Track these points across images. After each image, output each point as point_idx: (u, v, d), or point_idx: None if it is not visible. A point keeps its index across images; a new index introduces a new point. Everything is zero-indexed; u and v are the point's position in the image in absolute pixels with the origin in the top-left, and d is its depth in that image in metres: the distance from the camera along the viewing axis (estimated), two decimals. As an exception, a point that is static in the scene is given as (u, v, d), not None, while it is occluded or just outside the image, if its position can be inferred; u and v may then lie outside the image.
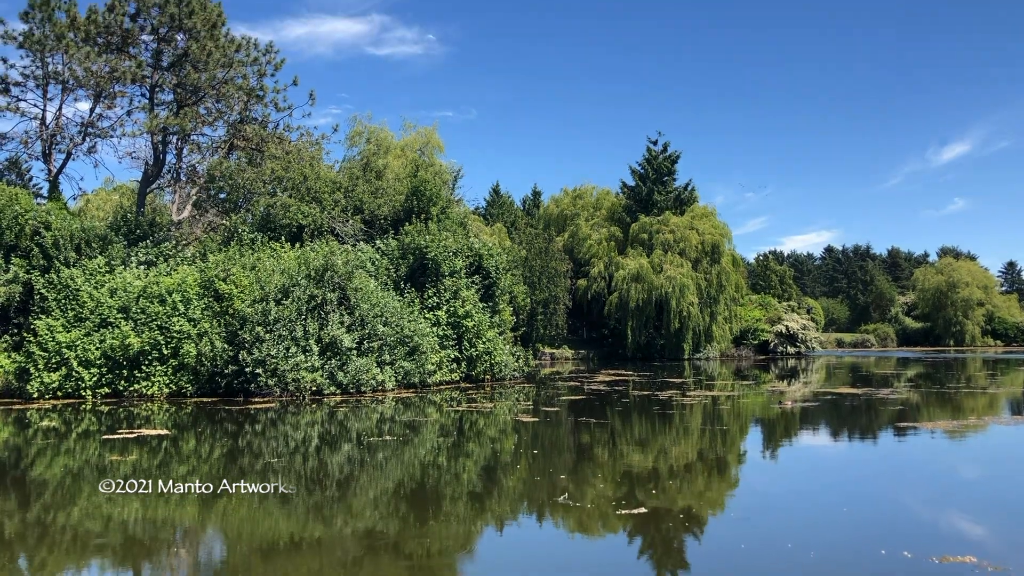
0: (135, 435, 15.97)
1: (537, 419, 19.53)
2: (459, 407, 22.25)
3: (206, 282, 25.21)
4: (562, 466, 13.26)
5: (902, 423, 18.57)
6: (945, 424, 18.22)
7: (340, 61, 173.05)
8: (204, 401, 22.86)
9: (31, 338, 23.02)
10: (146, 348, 23.20)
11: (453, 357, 29.26)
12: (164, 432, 16.59)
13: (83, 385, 22.83)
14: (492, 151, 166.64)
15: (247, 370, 23.02)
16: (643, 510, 9.84)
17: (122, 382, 23.25)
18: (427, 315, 28.89)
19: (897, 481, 12.14)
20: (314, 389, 23.62)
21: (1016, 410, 22.36)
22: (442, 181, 41.68)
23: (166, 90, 33.27)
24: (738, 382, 33.48)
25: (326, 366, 24.00)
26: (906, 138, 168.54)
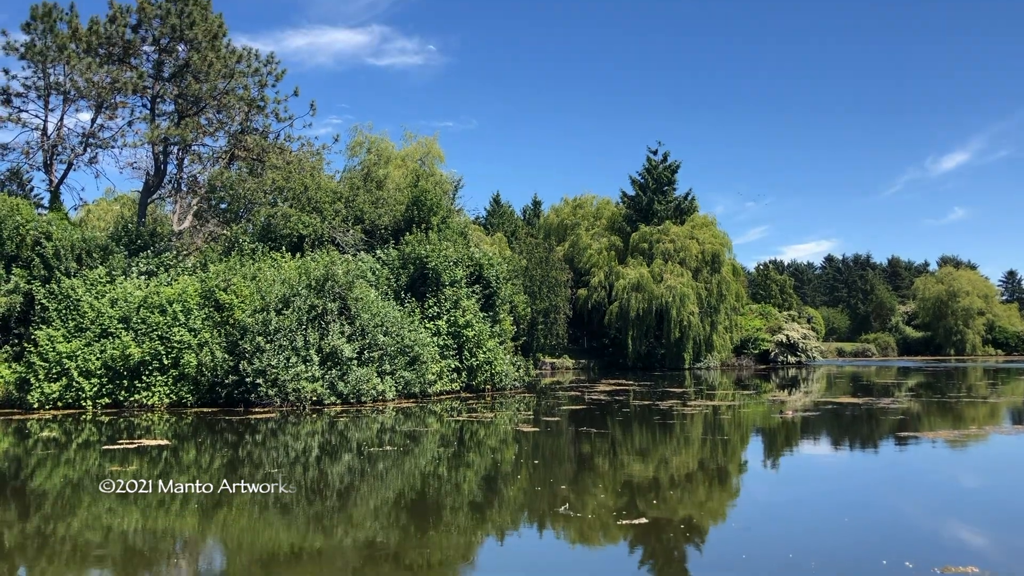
0: (135, 445, 15.96)
1: (538, 429, 19.51)
2: (460, 417, 22.23)
3: (207, 292, 25.23)
4: (563, 476, 13.24)
5: (903, 433, 18.55)
6: (946, 434, 18.19)
7: (341, 72, 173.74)
8: (204, 411, 22.85)
9: (32, 348, 23.02)
10: (147, 358, 23.20)
11: (454, 367, 29.25)
12: (164, 442, 16.58)
13: (83, 395, 22.81)
14: (492, 161, 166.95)
15: (247, 380, 23.02)
16: (644, 520, 9.82)
17: (122, 392, 23.23)
18: (427, 325, 28.90)
19: (898, 491, 12.12)
20: (314, 399, 23.60)
21: (1017, 419, 22.32)
22: (443, 191, 41.80)
23: (167, 101, 33.35)
24: (739, 392, 33.45)
25: (326, 376, 24.00)
26: (906, 147, 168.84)
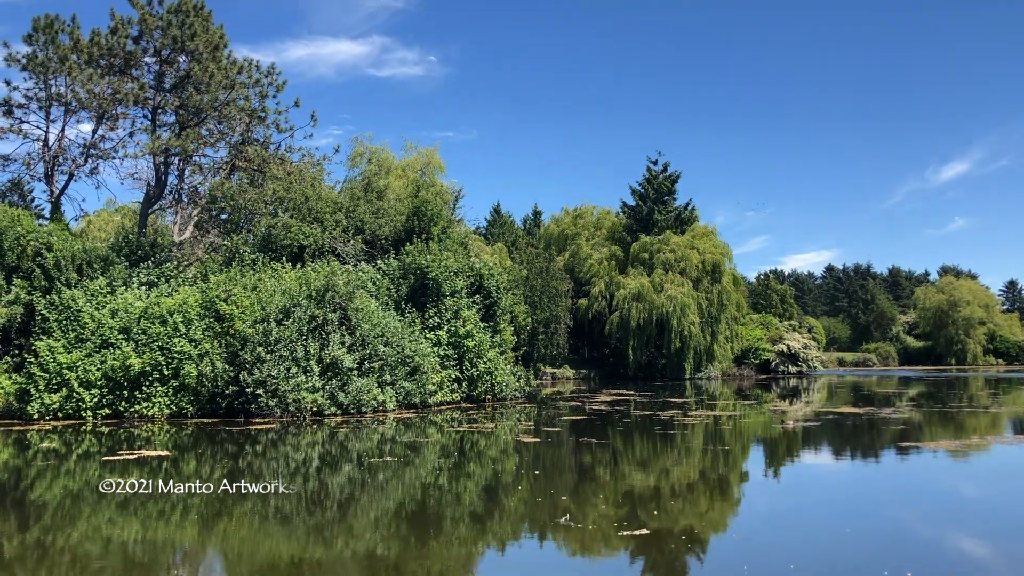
0: (135, 456, 15.94)
1: (538, 439, 19.49)
2: (460, 427, 22.20)
3: (207, 303, 25.23)
4: (563, 487, 13.21)
5: (904, 443, 18.52)
6: (948, 443, 18.15)
7: (342, 82, 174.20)
8: (205, 422, 22.82)
9: (32, 359, 23.01)
10: (147, 369, 23.19)
11: (454, 377, 29.22)
12: (164, 453, 16.56)
13: (84, 406, 22.80)
14: (493, 171, 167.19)
15: (248, 391, 23.00)
16: (645, 531, 9.80)
17: (123, 403, 23.22)
18: (428, 335, 28.88)
19: (900, 501, 12.10)
20: (315, 410, 23.57)
21: (1019, 429, 22.28)
22: (443, 201, 41.88)
23: (168, 111, 33.45)
24: (740, 402, 33.40)
25: (327, 386, 23.97)
26: (906, 157, 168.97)
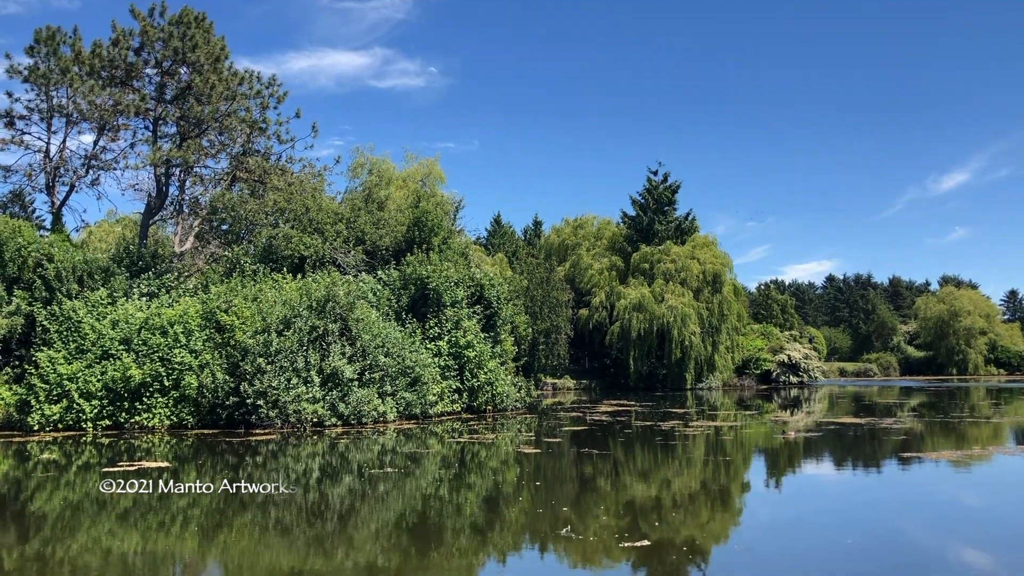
0: (135, 467, 15.90)
1: (539, 450, 19.44)
2: (461, 438, 22.15)
3: (208, 313, 25.23)
4: (564, 498, 13.18)
5: (906, 453, 18.47)
6: (949, 454, 18.11)
7: (342, 93, 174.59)
8: (205, 433, 22.78)
9: (32, 370, 23.00)
10: (147, 380, 23.17)
11: (455, 388, 29.18)
12: (165, 464, 16.52)
13: (84, 417, 22.76)
14: (493, 182, 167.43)
15: (248, 402, 22.97)
16: (646, 542, 9.77)
17: (123, 414, 23.19)
18: (429, 345, 28.87)
19: (902, 511, 12.06)
20: (315, 420, 23.54)
21: (1021, 439, 22.24)
22: (444, 212, 41.91)
23: (169, 123, 33.54)
24: (741, 412, 33.34)
25: (327, 397, 23.95)
26: (906, 167, 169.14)
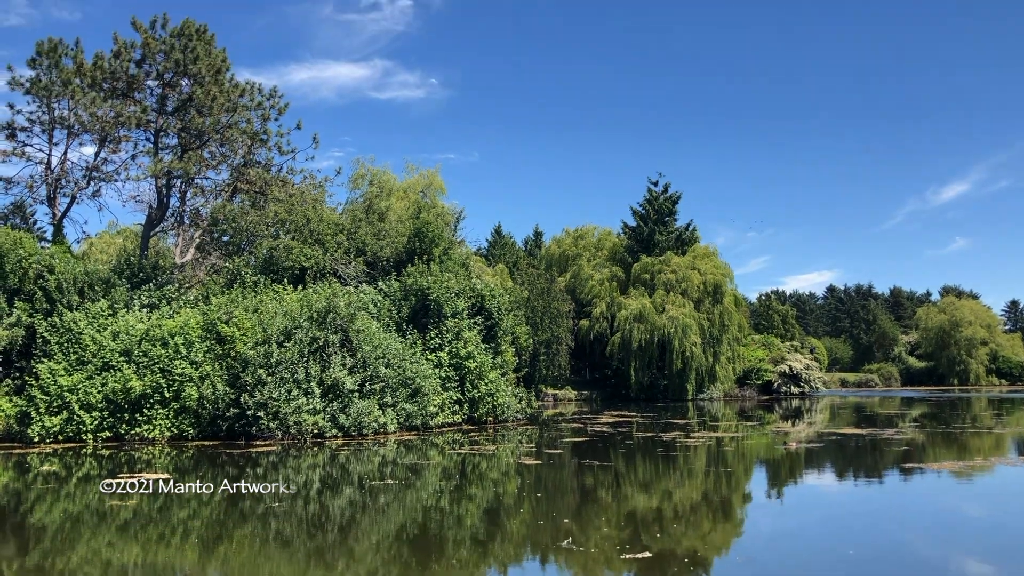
0: (135, 479, 15.86)
1: (540, 461, 19.40)
2: (461, 449, 22.11)
3: (208, 325, 25.23)
4: (565, 509, 13.14)
5: (908, 464, 18.43)
6: (951, 465, 18.07)
7: (343, 105, 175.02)
8: (205, 444, 22.74)
9: (33, 382, 22.96)
10: (148, 391, 23.14)
11: (455, 399, 29.13)
12: (165, 476, 16.49)
13: (84, 429, 22.71)
14: (494, 193, 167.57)
15: (249, 413, 22.93)
16: (648, 554, 9.74)
17: (123, 426, 23.14)
18: (429, 356, 28.84)
19: (903, 522, 12.03)
20: (316, 432, 23.50)
21: (1023, 450, 22.19)
22: (444, 223, 41.93)
23: (170, 134, 33.61)
24: (742, 423, 33.28)
25: (328, 408, 23.91)
26: (906, 178, 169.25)
